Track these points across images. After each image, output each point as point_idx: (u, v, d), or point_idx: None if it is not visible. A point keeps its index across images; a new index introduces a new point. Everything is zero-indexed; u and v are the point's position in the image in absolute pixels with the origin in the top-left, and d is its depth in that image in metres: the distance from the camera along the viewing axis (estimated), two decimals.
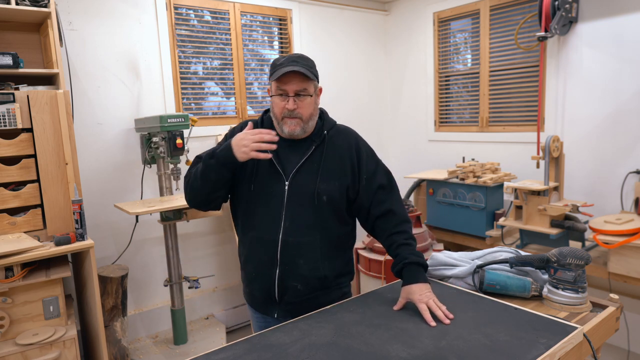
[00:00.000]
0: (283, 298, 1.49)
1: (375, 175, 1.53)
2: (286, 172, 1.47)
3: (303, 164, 1.47)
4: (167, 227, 2.82)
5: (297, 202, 1.45)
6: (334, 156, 1.50)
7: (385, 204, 1.51)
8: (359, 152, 1.53)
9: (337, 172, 1.49)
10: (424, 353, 1.10)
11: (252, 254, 1.51)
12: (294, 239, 1.45)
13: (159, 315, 3.16)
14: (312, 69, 1.44)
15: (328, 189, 1.46)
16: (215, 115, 3.44)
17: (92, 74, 2.83)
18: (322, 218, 1.47)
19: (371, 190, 1.51)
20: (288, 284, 1.47)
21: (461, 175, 3.19)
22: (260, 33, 3.66)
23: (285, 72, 1.38)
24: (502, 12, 3.45)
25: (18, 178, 2.13)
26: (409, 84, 4.25)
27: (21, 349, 2.00)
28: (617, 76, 2.85)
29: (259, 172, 1.48)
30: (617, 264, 2.44)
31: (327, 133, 1.52)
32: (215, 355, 1.14)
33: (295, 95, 1.42)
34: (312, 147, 1.49)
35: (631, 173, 2.83)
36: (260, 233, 1.48)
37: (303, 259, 1.46)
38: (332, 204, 1.47)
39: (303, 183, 1.46)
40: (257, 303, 1.57)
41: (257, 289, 1.53)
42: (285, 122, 1.45)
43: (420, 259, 1.42)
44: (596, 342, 1.27)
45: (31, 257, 1.97)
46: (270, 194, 1.47)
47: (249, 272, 1.54)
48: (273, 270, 1.47)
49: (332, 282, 1.53)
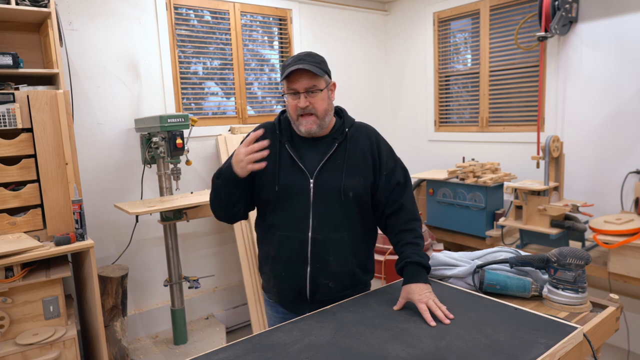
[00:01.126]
0: (315, 297, 1.49)
1: (394, 172, 1.54)
2: (310, 170, 1.47)
3: (327, 161, 1.48)
4: (167, 227, 2.82)
5: (323, 199, 1.46)
6: (356, 153, 1.51)
7: (399, 201, 1.52)
8: (380, 149, 1.55)
9: (360, 169, 1.50)
10: (423, 353, 1.10)
11: (281, 254, 1.51)
12: (323, 237, 1.46)
13: (159, 315, 3.16)
14: (320, 65, 1.45)
15: (354, 185, 1.47)
16: (215, 115, 3.44)
17: (92, 74, 2.83)
18: (349, 214, 1.49)
19: (389, 187, 1.52)
20: (320, 282, 1.48)
21: (461, 175, 3.19)
22: (260, 33, 3.66)
23: (292, 70, 1.40)
24: (502, 12, 3.45)
25: (18, 178, 2.13)
26: (409, 84, 4.25)
27: (21, 349, 2.00)
28: (617, 76, 2.85)
29: (282, 172, 1.48)
30: (617, 264, 2.44)
31: (348, 130, 1.53)
32: (215, 355, 1.14)
33: (305, 92, 1.43)
34: (335, 144, 1.50)
35: (631, 173, 2.82)
36: (289, 232, 1.48)
37: (333, 256, 1.47)
38: (358, 199, 1.49)
39: (328, 180, 1.47)
40: (286, 302, 1.57)
41: (286, 288, 1.53)
42: (301, 121, 1.46)
43: (422, 259, 1.42)
44: (596, 342, 1.27)
45: (31, 257, 1.97)
46: (296, 192, 1.47)
47: (278, 272, 1.52)
48: (304, 269, 1.47)
49: (360, 279, 1.55)
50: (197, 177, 3.29)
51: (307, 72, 1.41)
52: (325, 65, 1.48)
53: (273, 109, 3.77)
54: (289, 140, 1.51)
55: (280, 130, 1.54)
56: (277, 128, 1.55)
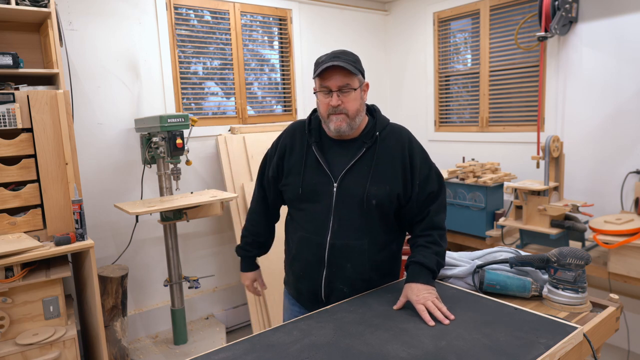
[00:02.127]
0: (330, 299, 1.49)
1: (428, 181, 1.48)
2: (334, 173, 1.45)
3: (353, 165, 1.44)
4: (167, 227, 2.82)
5: (345, 204, 1.43)
6: (385, 159, 1.45)
7: (428, 209, 1.48)
8: (413, 155, 1.47)
9: (389, 176, 1.44)
10: (423, 353, 1.10)
11: (300, 254, 1.52)
12: (341, 242, 1.44)
13: (159, 315, 3.16)
14: (355, 64, 1.41)
15: (378, 194, 1.42)
16: (215, 115, 3.44)
17: (92, 74, 2.83)
18: (371, 222, 1.45)
19: (422, 197, 1.48)
20: (334, 286, 1.47)
21: (461, 175, 3.19)
22: (260, 33, 3.66)
23: (326, 67, 1.37)
24: (502, 12, 3.45)
25: (18, 178, 2.13)
26: (409, 84, 4.25)
27: (21, 349, 2.00)
28: (617, 76, 2.84)
29: (307, 174, 1.47)
30: (617, 264, 2.44)
31: (379, 134, 1.48)
32: (215, 355, 1.14)
33: (338, 90, 1.40)
34: (363, 148, 1.45)
35: (631, 173, 2.82)
36: (308, 234, 1.48)
37: (350, 263, 1.45)
38: (381, 209, 1.45)
39: (352, 185, 1.43)
40: (303, 300, 1.59)
41: (304, 287, 1.55)
42: (331, 119, 1.42)
43: (428, 261, 1.40)
44: (596, 342, 1.27)
45: (31, 257, 1.97)
46: (319, 195, 1.45)
47: (297, 271, 1.55)
48: (320, 272, 1.47)
49: (376, 283, 1.53)
50: (197, 177, 3.29)
51: (341, 69, 1.38)
52: (360, 65, 1.44)
53: (273, 109, 3.77)
54: (317, 142, 1.49)
55: (310, 131, 1.51)
56: (306, 128, 1.52)
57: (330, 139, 1.50)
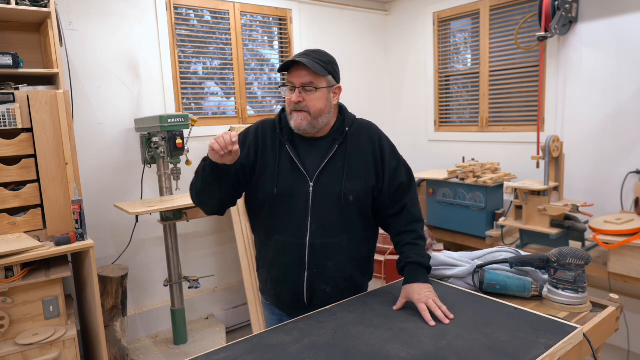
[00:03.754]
0: (312, 301, 1.47)
1: (397, 172, 1.50)
2: (309, 172, 1.43)
3: (327, 163, 1.43)
4: (167, 227, 2.82)
5: (323, 203, 1.42)
6: (357, 154, 1.46)
7: (402, 202, 1.49)
8: (382, 148, 1.50)
9: (362, 171, 1.45)
10: (423, 353, 1.10)
11: (279, 258, 1.47)
12: (321, 242, 1.42)
13: (159, 315, 3.16)
14: (326, 65, 1.40)
15: (354, 189, 1.43)
16: (215, 115, 3.44)
17: (92, 74, 2.83)
18: (349, 219, 1.45)
19: (392, 188, 1.49)
20: (317, 287, 1.45)
21: (461, 175, 3.19)
22: (260, 33, 3.66)
23: (290, 63, 1.37)
24: (502, 12, 3.45)
25: (18, 178, 2.13)
26: (409, 84, 4.25)
27: (21, 349, 2.00)
28: (617, 76, 2.84)
29: (281, 174, 1.44)
30: (617, 264, 2.44)
31: (348, 130, 1.48)
32: (215, 355, 1.14)
33: (301, 87, 1.38)
34: (335, 145, 1.45)
35: (631, 173, 2.82)
36: (286, 236, 1.44)
37: (331, 261, 1.44)
38: (359, 203, 1.45)
39: (328, 184, 1.42)
40: (284, 305, 1.54)
41: (284, 292, 1.50)
42: (293, 115, 1.41)
43: (423, 259, 1.41)
44: (596, 342, 1.27)
45: (31, 257, 1.97)
46: (295, 196, 1.43)
47: (276, 276, 1.49)
48: (301, 274, 1.44)
49: (357, 282, 1.52)
50: None
51: (306, 67, 1.37)
52: (332, 66, 1.43)
53: (273, 109, 3.77)
54: (290, 140, 1.46)
55: (281, 129, 1.48)
56: (277, 126, 1.49)
57: (301, 137, 1.47)
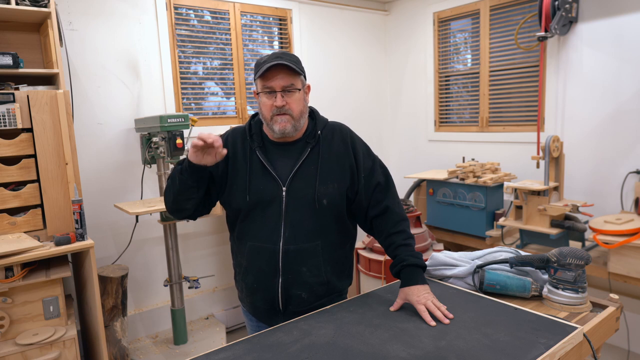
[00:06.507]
0: (288, 308, 1.45)
1: (373, 173, 1.49)
2: (282, 177, 1.41)
3: (300, 167, 1.42)
4: (167, 227, 2.82)
5: (296, 208, 1.40)
6: (330, 157, 1.45)
7: (383, 203, 1.47)
8: (355, 150, 1.48)
9: (336, 173, 1.44)
10: (423, 353, 1.10)
11: (252, 265, 1.45)
12: (295, 247, 1.40)
13: (159, 315, 3.16)
14: (297, 64, 1.39)
15: (328, 192, 1.41)
16: (215, 115, 3.44)
17: (92, 74, 2.83)
18: (323, 222, 1.43)
19: (369, 189, 1.48)
20: (292, 293, 1.43)
21: (461, 175, 3.19)
22: (260, 33, 3.66)
23: (270, 66, 1.33)
24: (502, 12, 3.45)
25: (18, 178, 2.13)
26: (409, 84, 4.25)
27: (21, 349, 2.00)
28: (617, 76, 2.85)
29: (254, 181, 1.42)
30: (617, 264, 2.44)
31: (320, 133, 1.47)
32: (215, 355, 1.14)
33: (282, 90, 1.37)
34: (308, 149, 1.43)
35: (631, 173, 2.82)
36: (260, 242, 1.42)
37: (306, 267, 1.42)
38: (333, 207, 1.43)
39: (301, 187, 1.40)
40: (260, 314, 1.53)
41: (259, 300, 1.48)
42: (275, 120, 1.38)
43: (418, 260, 1.41)
44: (596, 342, 1.27)
45: (31, 257, 1.97)
46: (268, 202, 1.41)
47: (250, 284, 1.47)
48: (276, 281, 1.42)
49: (336, 286, 1.50)
50: None
51: (284, 69, 1.34)
52: (301, 65, 1.42)
53: None
54: (260, 146, 1.45)
55: (251, 136, 1.46)
56: (247, 134, 1.48)
57: (273, 142, 1.45)
